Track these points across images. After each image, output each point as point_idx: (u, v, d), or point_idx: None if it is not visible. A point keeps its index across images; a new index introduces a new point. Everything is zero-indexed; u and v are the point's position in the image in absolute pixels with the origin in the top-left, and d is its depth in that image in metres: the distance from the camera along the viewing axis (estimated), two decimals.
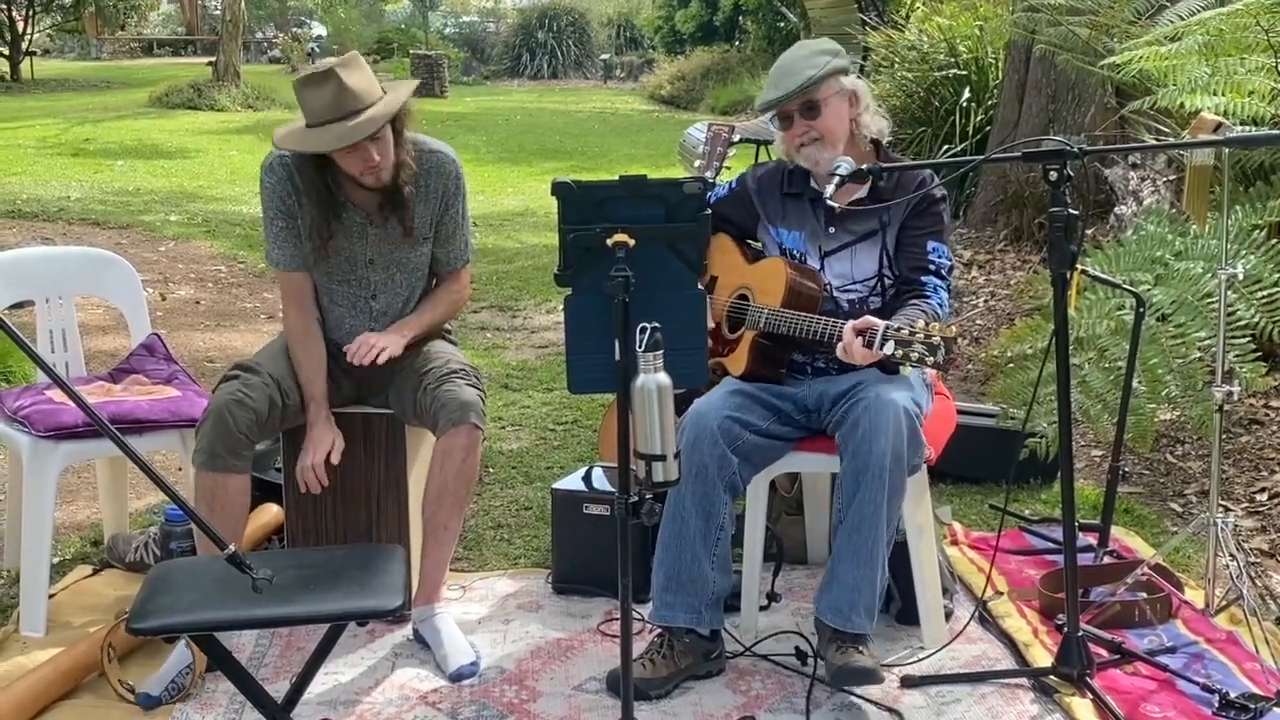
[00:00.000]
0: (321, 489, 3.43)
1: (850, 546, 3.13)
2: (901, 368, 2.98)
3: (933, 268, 3.30)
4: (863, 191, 3.37)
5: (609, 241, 2.58)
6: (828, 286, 3.37)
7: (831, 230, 3.39)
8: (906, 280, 3.32)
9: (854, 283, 3.37)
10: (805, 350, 3.39)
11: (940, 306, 3.26)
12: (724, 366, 3.44)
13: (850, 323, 3.06)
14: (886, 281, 3.36)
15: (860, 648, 3.12)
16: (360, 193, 3.44)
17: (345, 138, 3.25)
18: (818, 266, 3.39)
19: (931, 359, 2.91)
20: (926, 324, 2.95)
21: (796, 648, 3.31)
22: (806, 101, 3.30)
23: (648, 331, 2.49)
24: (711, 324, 3.49)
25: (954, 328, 2.96)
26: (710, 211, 3.52)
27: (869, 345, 2.99)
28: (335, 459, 3.42)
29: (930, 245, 3.31)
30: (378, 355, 3.39)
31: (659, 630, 3.27)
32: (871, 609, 3.15)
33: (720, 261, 3.58)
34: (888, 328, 2.98)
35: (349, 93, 3.25)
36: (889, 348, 2.95)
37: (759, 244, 3.57)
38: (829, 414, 3.27)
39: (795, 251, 3.43)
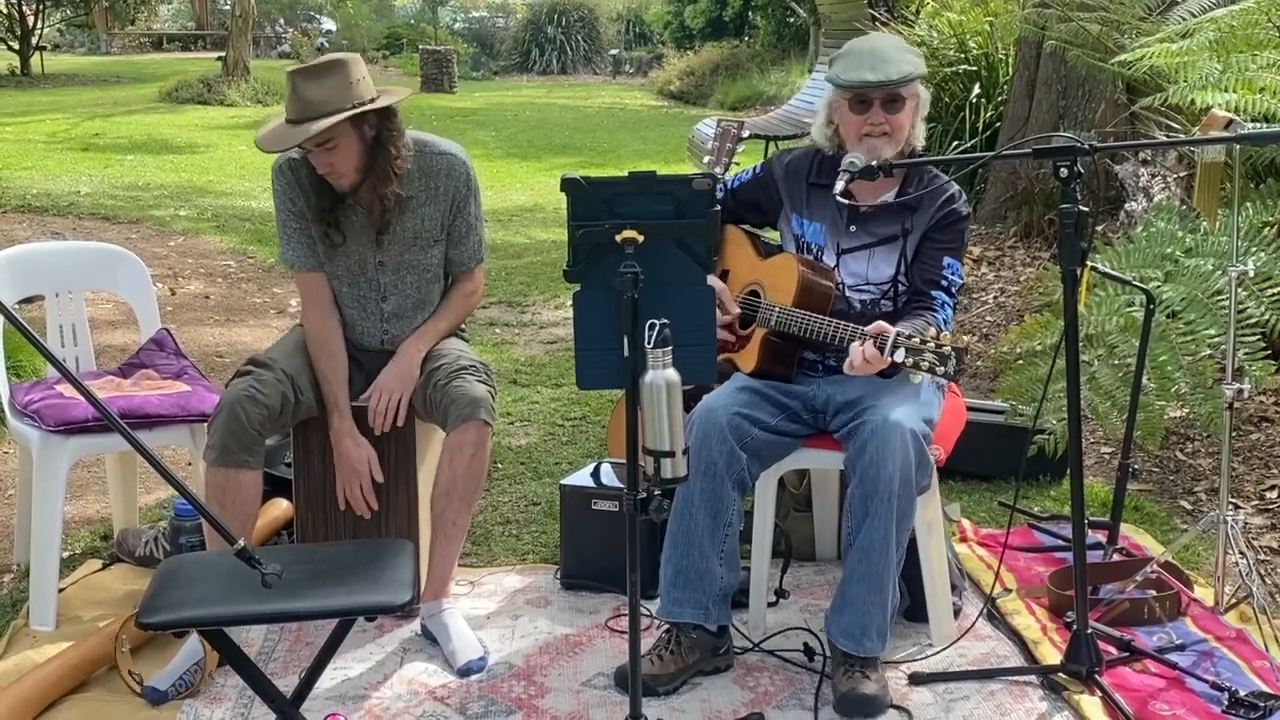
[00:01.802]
0: (330, 484, 3.45)
1: (862, 571, 3.13)
2: (911, 377, 2.97)
3: (944, 283, 3.30)
4: (890, 195, 3.35)
5: (618, 238, 2.58)
6: (840, 285, 3.37)
7: (853, 229, 3.37)
8: (917, 291, 3.31)
9: (868, 284, 3.36)
10: (816, 348, 3.38)
11: (945, 323, 3.25)
12: (734, 362, 3.44)
13: (859, 341, 3.05)
14: (900, 287, 3.35)
15: (868, 673, 3.12)
16: (364, 195, 3.44)
17: (283, 140, 3.31)
18: (834, 262, 3.39)
19: (942, 369, 2.90)
20: (938, 333, 2.94)
21: (805, 644, 3.32)
22: (895, 94, 3.27)
23: (656, 327, 2.49)
24: (724, 319, 3.48)
25: (965, 338, 2.95)
26: (730, 197, 3.55)
27: (879, 349, 2.98)
28: (379, 477, 3.45)
29: (946, 261, 3.31)
30: (396, 413, 3.42)
31: (667, 626, 3.27)
32: (884, 630, 3.15)
33: (732, 254, 3.57)
34: (899, 334, 2.97)
35: (304, 101, 3.28)
36: (899, 355, 2.94)
37: (776, 234, 3.55)
38: (833, 420, 3.27)
39: (813, 244, 3.42)
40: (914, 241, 3.33)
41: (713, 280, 3.42)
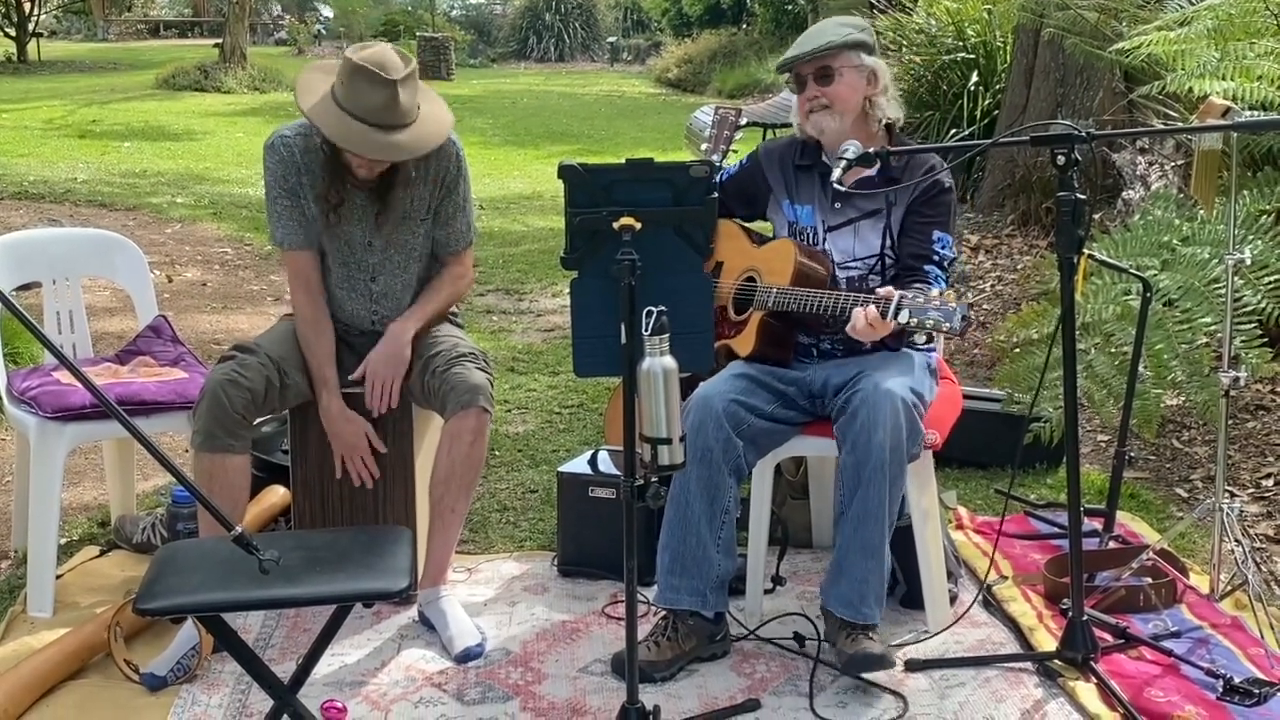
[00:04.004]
0: (327, 470, 3.46)
1: (856, 540, 3.14)
2: (916, 336, 2.98)
3: (936, 258, 3.30)
4: (871, 171, 3.36)
5: (615, 225, 2.58)
6: (830, 265, 3.38)
7: (837, 206, 3.39)
8: (908, 267, 3.32)
9: (855, 260, 3.37)
10: (811, 332, 3.39)
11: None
12: (730, 348, 3.44)
13: (862, 305, 3.05)
14: (888, 261, 3.36)
15: (870, 634, 3.14)
16: (360, 175, 3.44)
17: (374, 150, 3.28)
18: (822, 240, 3.39)
19: (947, 324, 2.90)
20: (940, 293, 2.95)
21: (795, 633, 3.32)
22: (821, 67, 3.30)
23: (654, 315, 2.49)
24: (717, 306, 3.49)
25: (968, 295, 2.95)
26: (719, 191, 3.55)
27: (883, 315, 2.99)
28: (380, 446, 3.47)
29: (935, 235, 3.31)
30: (391, 396, 3.43)
31: (664, 613, 3.28)
32: (880, 597, 3.16)
33: (726, 246, 3.58)
34: (902, 297, 2.97)
35: (399, 109, 3.26)
36: (903, 316, 2.95)
37: (769, 224, 3.56)
38: (831, 401, 3.27)
39: (807, 227, 3.42)
40: (899, 215, 3.35)
41: None
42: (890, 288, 3.05)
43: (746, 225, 3.62)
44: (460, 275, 3.65)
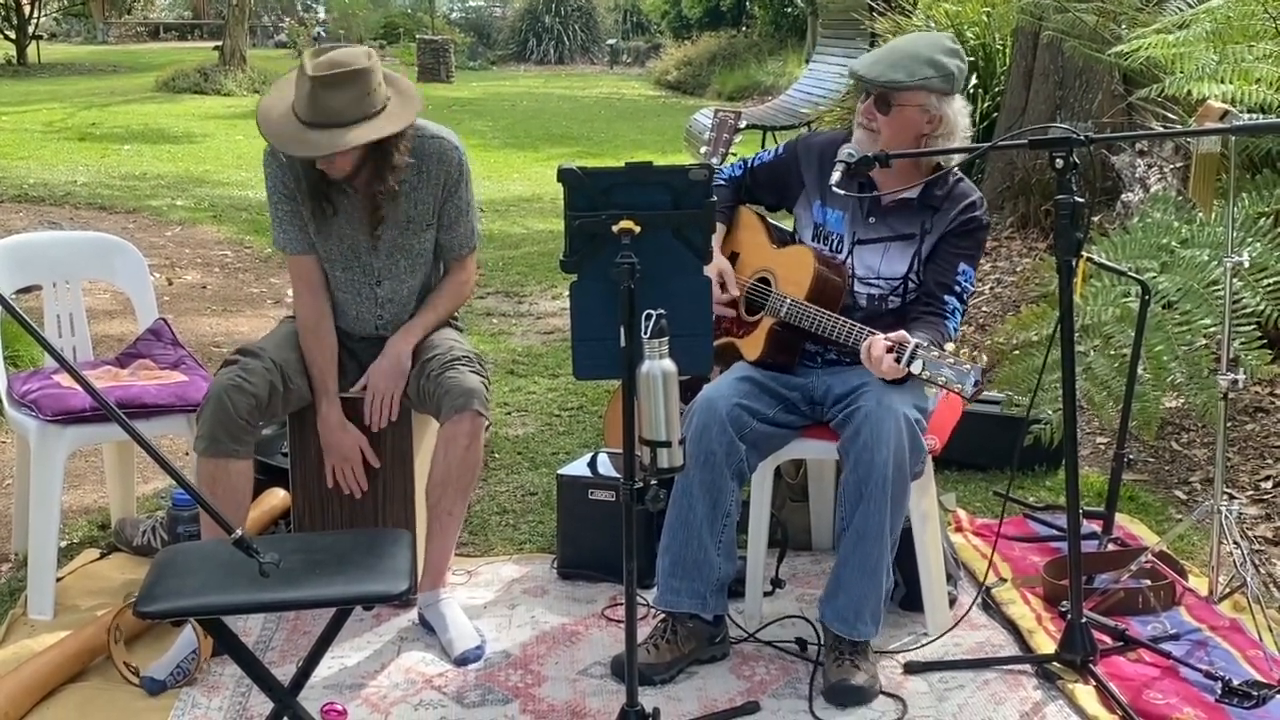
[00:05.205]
0: (328, 472, 3.47)
1: (856, 556, 3.14)
2: (925, 389, 2.97)
3: (957, 289, 3.29)
4: (914, 193, 3.34)
5: (615, 228, 2.58)
6: (850, 278, 3.36)
7: (871, 220, 3.36)
8: (929, 293, 3.30)
9: (879, 278, 3.35)
10: (823, 344, 3.38)
11: (954, 330, 3.26)
12: (737, 347, 3.44)
13: (883, 336, 3.03)
14: (911, 285, 3.34)
15: (858, 662, 3.14)
16: (359, 183, 3.44)
17: (300, 146, 3.27)
18: (848, 250, 3.38)
19: (959, 386, 2.88)
20: (957, 349, 2.94)
21: (798, 639, 3.33)
22: (883, 95, 3.25)
23: (653, 318, 2.50)
24: (724, 298, 3.46)
25: (984, 357, 2.95)
26: (749, 175, 3.54)
27: (896, 360, 2.98)
28: (374, 461, 3.47)
29: (961, 267, 3.30)
30: (391, 410, 3.44)
31: (663, 615, 3.28)
32: (877, 614, 3.16)
33: (745, 239, 3.56)
34: (918, 346, 2.96)
35: (323, 108, 3.23)
36: (916, 366, 2.93)
37: (791, 219, 3.53)
38: (831, 410, 3.27)
39: (833, 233, 3.41)
40: (930, 242, 3.32)
41: (719, 260, 3.42)
42: (904, 333, 3.02)
43: (766, 218, 3.59)
44: (463, 282, 3.65)
